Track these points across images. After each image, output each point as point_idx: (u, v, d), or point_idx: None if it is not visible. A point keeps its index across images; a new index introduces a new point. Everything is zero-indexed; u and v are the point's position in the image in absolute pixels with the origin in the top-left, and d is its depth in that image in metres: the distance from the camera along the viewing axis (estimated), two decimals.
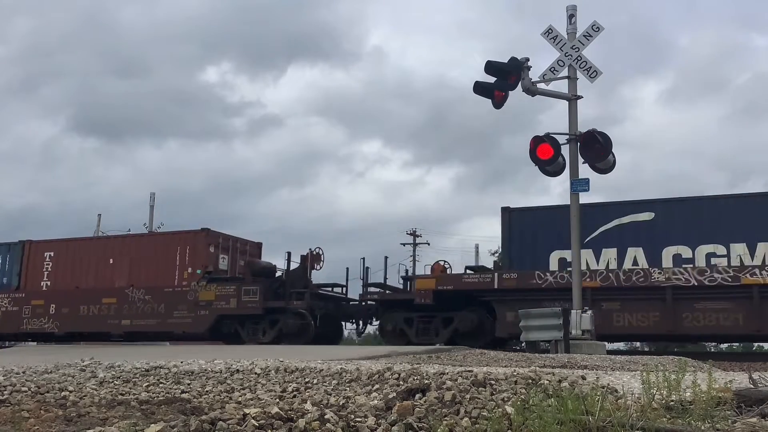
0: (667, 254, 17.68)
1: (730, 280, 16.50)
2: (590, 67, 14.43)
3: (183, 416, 4.09)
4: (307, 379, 5.94)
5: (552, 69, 14.72)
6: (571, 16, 14.86)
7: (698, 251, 17.47)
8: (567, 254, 17.09)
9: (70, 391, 5.38)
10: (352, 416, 3.69)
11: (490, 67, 14.51)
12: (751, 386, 4.48)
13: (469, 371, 5.47)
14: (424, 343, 17.43)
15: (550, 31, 14.82)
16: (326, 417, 3.49)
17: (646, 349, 25.67)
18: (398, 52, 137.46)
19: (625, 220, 18.33)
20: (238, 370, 6.56)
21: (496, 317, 18.60)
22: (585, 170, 14.41)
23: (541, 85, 14.74)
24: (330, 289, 22.55)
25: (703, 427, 3.29)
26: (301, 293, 20.77)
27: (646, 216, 18.04)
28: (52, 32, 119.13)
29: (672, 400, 3.77)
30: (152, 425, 3.43)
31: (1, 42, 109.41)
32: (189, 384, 5.94)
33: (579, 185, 14.32)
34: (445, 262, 21.05)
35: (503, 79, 14.40)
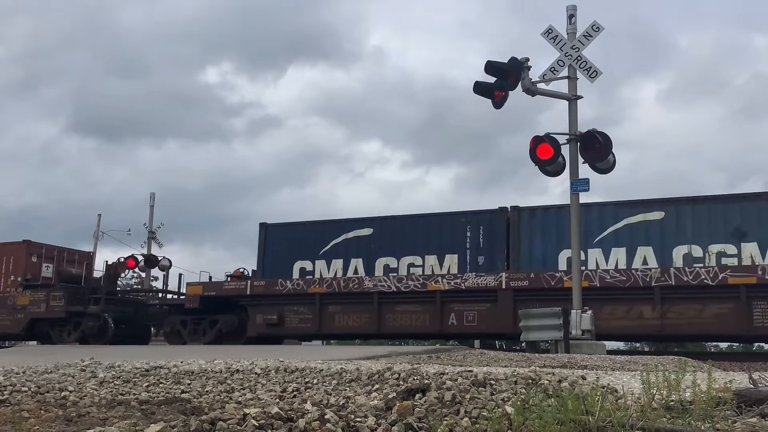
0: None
1: (420, 287, 19.11)
2: (590, 67, 14.43)
3: (183, 416, 4.09)
4: (307, 379, 5.94)
5: (552, 69, 14.71)
6: (571, 16, 14.85)
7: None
8: (307, 264, 20.97)
9: (70, 391, 5.38)
10: (352, 416, 3.69)
11: (490, 67, 14.50)
12: (751, 386, 4.48)
13: (469, 371, 5.47)
14: (195, 342, 20.64)
15: (550, 31, 14.82)
16: (326, 417, 3.49)
17: (646, 349, 25.70)
18: (399, 52, 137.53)
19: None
20: (238, 370, 6.56)
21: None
22: (585, 170, 14.43)
23: (541, 85, 14.73)
24: (144, 294, 26.49)
25: (703, 427, 3.29)
26: (97, 298, 23.26)
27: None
28: (52, 32, 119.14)
29: (672, 400, 3.77)
30: (152, 425, 3.43)
31: (0, 42, 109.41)
32: (189, 384, 5.94)
33: (579, 185, 14.32)
34: (245, 269, 23.05)
35: (503, 79, 14.39)
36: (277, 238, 21.79)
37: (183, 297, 22.85)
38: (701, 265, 16.81)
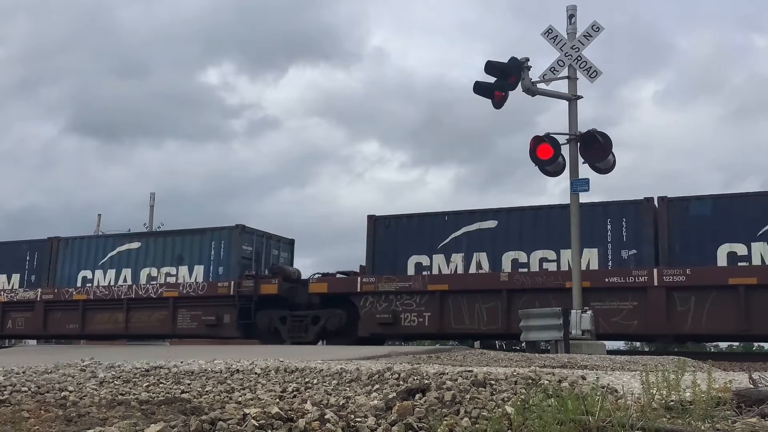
0: None
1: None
2: (590, 67, 14.44)
3: (183, 416, 4.09)
4: (307, 379, 5.94)
5: (552, 69, 14.72)
6: (571, 16, 14.86)
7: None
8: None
9: (70, 391, 5.38)
10: (352, 416, 3.69)
11: (490, 67, 14.51)
12: (751, 386, 4.48)
13: (469, 371, 5.47)
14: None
15: (550, 31, 14.82)
16: (326, 417, 3.49)
17: (647, 348, 25.70)
18: (399, 52, 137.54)
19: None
20: (238, 370, 6.57)
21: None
22: (585, 170, 14.43)
23: (541, 85, 14.74)
24: None
25: (703, 427, 3.29)
26: None
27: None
28: (52, 33, 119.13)
29: (672, 400, 3.77)
30: (152, 425, 3.43)
31: (0, 43, 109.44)
32: (189, 384, 5.94)
33: (579, 185, 14.32)
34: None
35: (503, 79, 14.40)
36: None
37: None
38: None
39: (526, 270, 17.91)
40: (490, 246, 18.68)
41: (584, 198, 15.22)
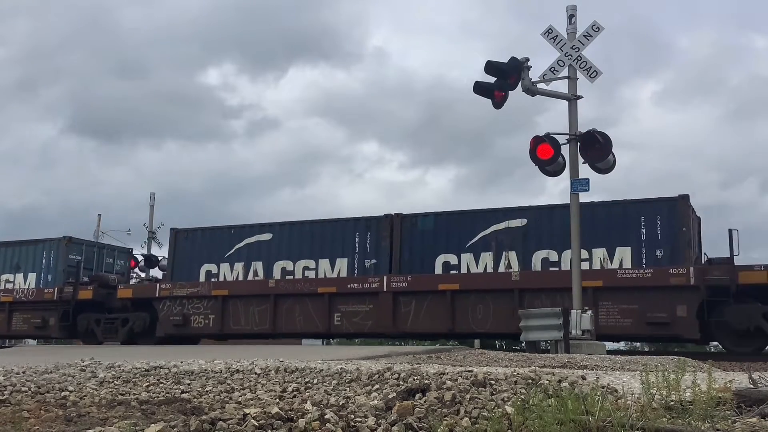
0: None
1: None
2: (590, 67, 14.43)
3: (183, 416, 4.09)
4: (307, 379, 5.94)
5: (552, 69, 14.71)
6: (571, 16, 14.85)
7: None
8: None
9: (71, 391, 5.38)
10: (352, 416, 3.69)
11: (490, 67, 14.50)
12: (751, 386, 4.48)
13: (469, 371, 5.47)
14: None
15: (550, 31, 14.81)
16: (326, 417, 3.49)
17: (646, 348, 25.71)
18: (399, 52, 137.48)
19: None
20: (238, 370, 6.57)
21: None
22: (585, 170, 14.43)
23: (541, 85, 14.73)
24: None
25: (703, 427, 3.29)
26: None
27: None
28: (52, 33, 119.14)
29: (672, 400, 3.77)
30: (152, 425, 3.43)
31: (0, 43, 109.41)
32: (189, 384, 5.94)
33: (579, 185, 14.32)
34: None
35: (503, 79, 14.39)
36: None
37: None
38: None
39: (291, 277, 20.64)
40: (265, 256, 21.27)
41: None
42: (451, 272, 18.77)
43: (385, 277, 19.20)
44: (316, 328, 20.19)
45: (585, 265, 17.13)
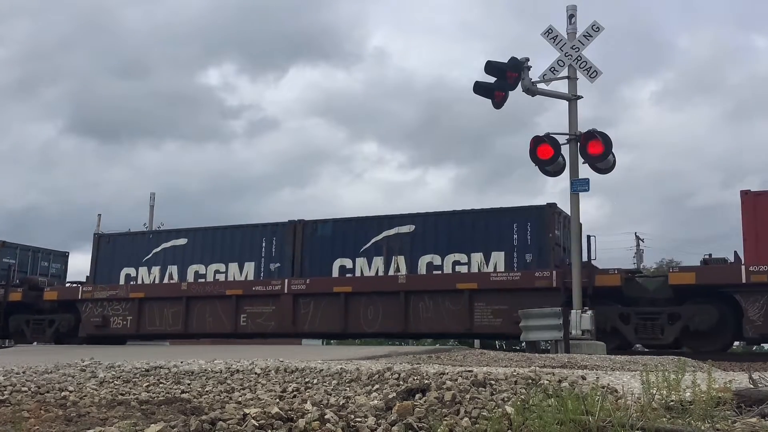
0: None
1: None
2: (590, 67, 14.44)
3: (183, 416, 4.09)
4: (307, 379, 5.94)
5: (552, 69, 14.71)
6: (571, 16, 14.85)
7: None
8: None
9: (70, 391, 5.38)
10: (352, 416, 3.69)
11: (490, 67, 14.51)
12: (751, 386, 4.49)
13: (469, 371, 5.47)
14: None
15: (550, 31, 14.82)
16: (326, 417, 3.49)
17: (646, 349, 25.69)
18: (400, 52, 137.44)
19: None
20: (238, 370, 6.56)
21: None
22: (585, 170, 14.43)
23: (541, 85, 14.74)
24: None
25: (703, 427, 3.29)
26: None
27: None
28: (52, 33, 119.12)
29: (672, 400, 3.77)
30: (152, 425, 3.43)
31: (0, 43, 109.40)
32: (189, 384, 5.94)
33: (579, 185, 14.32)
34: None
35: (503, 79, 14.39)
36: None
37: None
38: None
39: (203, 280, 21.80)
40: (180, 260, 22.41)
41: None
42: (347, 275, 19.88)
43: (286, 280, 20.30)
44: (224, 328, 21.13)
45: (464, 269, 18.88)
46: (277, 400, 5.12)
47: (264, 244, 21.30)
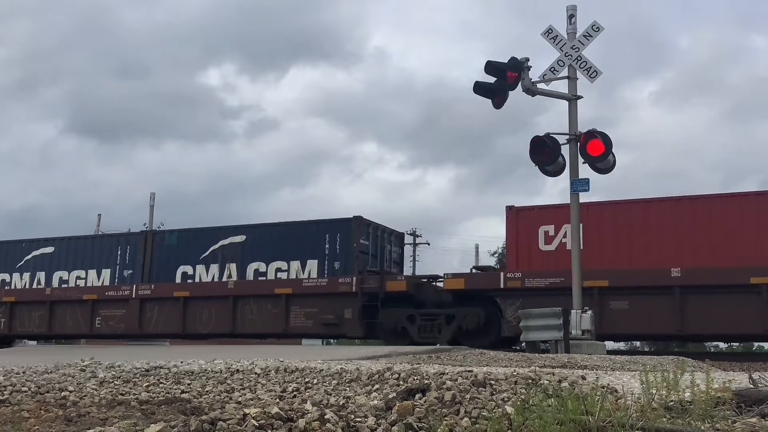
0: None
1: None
2: (590, 67, 14.42)
3: (183, 416, 4.09)
4: (307, 379, 5.94)
5: (552, 69, 14.70)
6: (571, 16, 14.84)
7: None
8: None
9: (70, 391, 5.38)
10: (352, 416, 3.69)
11: (490, 67, 14.49)
12: (751, 386, 4.49)
13: (469, 371, 5.47)
14: None
15: (550, 31, 14.81)
16: (326, 417, 3.49)
17: (646, 348, 25.75)
18: (400, 52, 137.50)
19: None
20: (238, 370, 6.57)
21: None
22: (585, 170, 14.42)
23: (541, 85, 14.72)
24: None
25: (703, 427, 3.29)
26: None
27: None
28: (52, 34, 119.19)
29: (672, 400, 3.77)
30: (152, 425, 3.43)
31: (0, 43, 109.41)
32: (189, 384, 5.94)
33: (579, 185, 14.32)
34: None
35: (503, 79, 14.38)
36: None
37: None
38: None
39: (66, 285, 23.65)
40: (48, 267, 24.20)
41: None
42: (188, 281, 21.99)
43: (134, 286, 22.35)
44: (81, 329, 23.18)
45: (285, 275, 20.84)
46: (277, 400, 5.13)
47: (119, 252, 23.35)
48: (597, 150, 14.03)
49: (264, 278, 20.91)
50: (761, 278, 15.55)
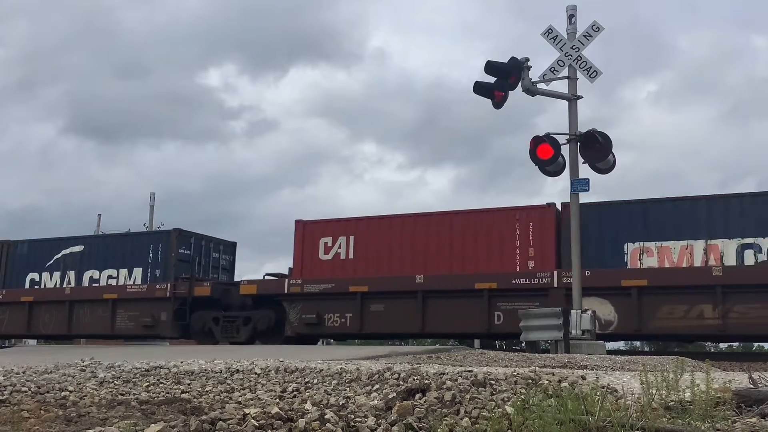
0: None
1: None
2: (590, 67, 14.42)
3: (183, 416, 4.09)
4: (307, 379, 5.94)
5: (552, 69, 14.69)
6: (571, 17, 14.83)
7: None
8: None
9: (70, 391, 5.38)
10: (352, 416, 3.69)
11: (490, 67, 14.48)
12: (751, 386, 4.48)
13: (469, 371, 5.47)
14: None
15: (550, 31, 14.80)
16: (326, 417, 3.49)
17: (646, 348, 25.74)
18: (400, 53, 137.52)
19: None
20: (238, 370, 6.56)
21: None
22: (585, 170, 14.42)
23: (541, 85, 14.71)
24: None
25: (703, 427, 3.29)
26: None
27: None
28: (52, 34, 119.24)
29: (672, 400, 3.77)
30: (152, 425, 3.43)
31: (0, 44, 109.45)
32: (189, 384, 5.94)
33: (579, 185, 14.31)
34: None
35: (503, 79, 14.38)
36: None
37: None
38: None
39: None
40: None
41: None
42: (34, 287, 24.12)
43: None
44: None
45: (114, 282, 22.92)
46: (277, 400, 5.13)
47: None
48: (597, 150, 14.05)
49: (97, 284, 23.16)
50: (484, 284, 17.77)
